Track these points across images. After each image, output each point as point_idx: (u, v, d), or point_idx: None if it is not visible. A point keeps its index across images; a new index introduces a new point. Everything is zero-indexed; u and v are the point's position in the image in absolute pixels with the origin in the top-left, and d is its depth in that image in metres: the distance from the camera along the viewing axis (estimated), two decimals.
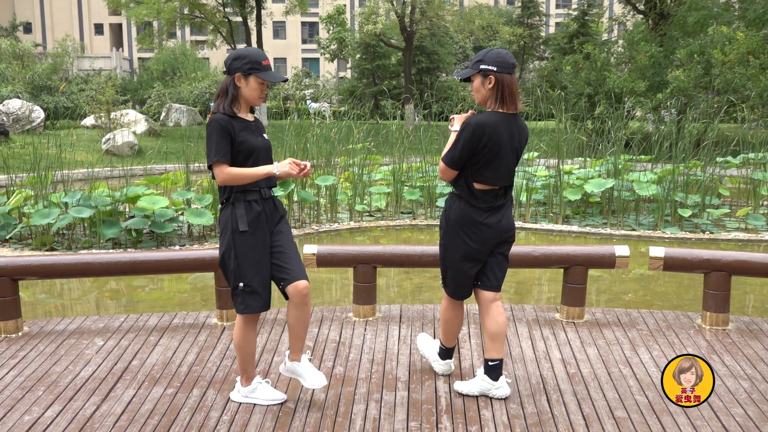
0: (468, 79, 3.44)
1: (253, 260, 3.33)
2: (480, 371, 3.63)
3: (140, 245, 8.68)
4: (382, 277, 7.27)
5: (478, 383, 3.60)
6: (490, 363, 3.57)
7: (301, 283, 3.34)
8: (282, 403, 3.54)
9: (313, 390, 3.70)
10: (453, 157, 3.40)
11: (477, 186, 3.42)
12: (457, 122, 3.46)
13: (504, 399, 3.59)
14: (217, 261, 4.75)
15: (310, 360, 3.78)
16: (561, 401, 3.58)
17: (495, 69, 3.32)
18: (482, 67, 3.34)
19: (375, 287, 4.95)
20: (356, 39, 36.91)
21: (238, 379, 3.62)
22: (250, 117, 3.42)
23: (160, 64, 42.75)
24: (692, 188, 10.77)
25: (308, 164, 3.31)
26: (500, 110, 3.36)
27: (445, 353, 3.87)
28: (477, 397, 3.60)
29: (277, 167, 3.27)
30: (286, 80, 3.42)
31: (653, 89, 20.39)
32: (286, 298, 3.40)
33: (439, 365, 3.89)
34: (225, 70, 3.35)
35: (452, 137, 3.43)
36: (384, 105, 34.20)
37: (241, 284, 3.33)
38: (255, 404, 3.53)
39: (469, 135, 3.32)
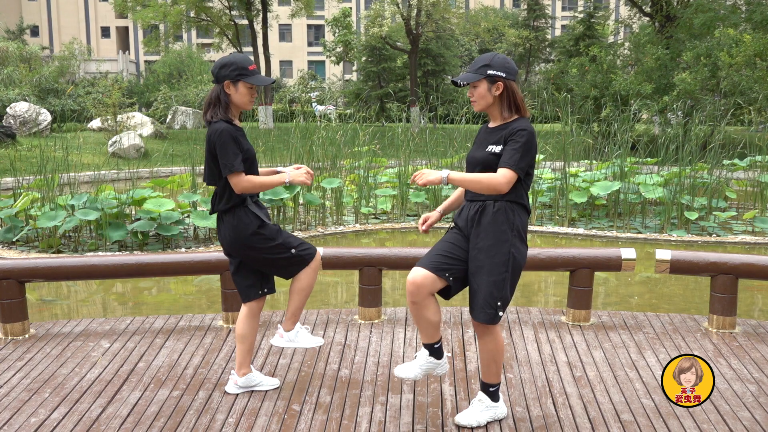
0: (466, 84, 3.17)
1: (283, 231, 3.58)
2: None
3: (146, 248, 8.71)
4: (387, 279, 7.27)
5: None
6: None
7: (319, 252, 3.71)
8: (288, 406, 3.55)
9: (319, 392, 3.71)
10: (524, 166, 3.06)
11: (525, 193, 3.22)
12: (430, 175, 3.14)
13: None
14: (222, 263, 4.77)
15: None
16: (567, 404, 3.57)
17: (504, 75, 3.11)
18: (490, 72, 3.10)
19: (380, 290, 4.95)
20: (362, 42, 36.95)
21: (234, 371, 3.75)
22: (239, 123, 3.52)
23: (167, 67, 42.91)
24: (699, 191, 10.74)
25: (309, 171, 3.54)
26: (523, 115, 3.18)
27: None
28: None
29: (289, 175, 3.45)
30: (273, 82, 3.51)
31: (659, 92, 20.34)
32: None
33: (442, 366, 3.49)
34: (213, 78, 3.41)
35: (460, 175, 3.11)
36: (389, 107, 34.22)
37: (293, 250, 3.54)
38: (261, 407, 3.53)
39: (532, 140, 3.09)
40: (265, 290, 3.65)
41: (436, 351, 3.32)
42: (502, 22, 36.80)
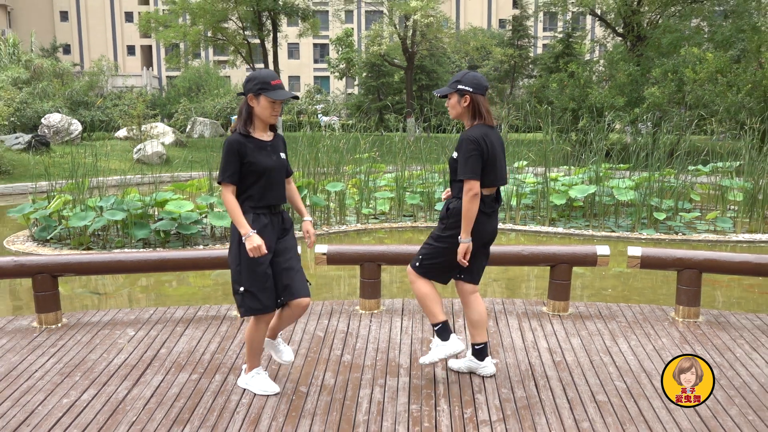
0: (445, 96, 3.49)
1: (255, 267, 3.23)
2: (468, 353, 3.70)
3: (168, 245, 8.69)
4: (386, 273, 7.26)
5: (467, 362, 3.70)
6: (476, 347, 3.64)
7: (304, 301, 3.30)
8: (296, 388, 3.54)
9: (324, 375, 3.70)
10: (474, 170, 3.31)
11: (484, 191, 3.44)
12: (465, 250, 3.42)
13: (490, 377, 3.63)
14: None
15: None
16: (548, 386, 3.57)
17: (471, 90, 3.40)
18: (459, 87, 3.40)
19: (380, 283, 4.95)
20: (363, 59, 36.93)
21: (244, 366, 3.60)
22: (267, 136, 3.33)
23: (186, 82, 42.84)
24: (666, 194, 10.74)
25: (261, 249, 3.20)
26: (482, 123, 3.44)
27: (446, 330, 3.55)
28: (470, 379, 3.59)
29: (248, 237, 3.15)
30: (296, 97, 3.26)
31: (631, 104, 20.35)
32: (281, 307, 3.39)
33: (486, 368, 3.70)
34: (242, 91, 3.31)
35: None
36: (388, 118, 34.18)
37: (242, 288, 3.24)
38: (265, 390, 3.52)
39: (473, 145, 3.33)
40: (280, 300, 3.36)
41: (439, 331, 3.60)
42: (489, 41, 36.79)
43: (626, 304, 5.17)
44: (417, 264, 3.60)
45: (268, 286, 3.26)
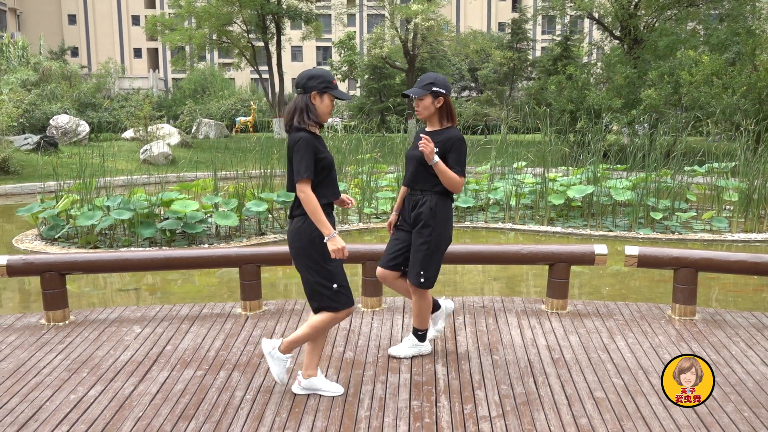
0: (407, 96, 3.61)
1: (339, 263, 3.30)
2: (410, 336, 3.92)
3: (174, 244, 8.69)
4: None
5: (410, 348, 3.91)
6: (419, 332, 3.89)
7: (352, 308, 3.39)
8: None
9: (327, 372, 3.70)
10: (464, 167, 3.57)
11: None
12: (431, 149, 3.44)
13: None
14: (240, 258, 4.76)
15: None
16: (546, 383, 3.56)
17: (444, 92, 3.53)
18: (434, 89, 3.51)
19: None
20: (365, 61, 36.91)
21: (300, 373, 3.44)
22: (318, 132, 3.29)
23: (192, 84, 42.88)
24: (663, 194, 10.72)
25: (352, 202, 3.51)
26: (453, 125, 3.62)
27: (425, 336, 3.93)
28: (470, 375, 3.59)
29: (331, 238, 3.14)
30: (351, 97, 3.37)
31: (628, 106, 20.31)
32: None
33: (426, 347, 3.96)
34: (299, 88, 3.21)
35: (439, 160, 3.50)
36: (389, 120, 34.17)
37: (336, 285, 3.25)
38: (275, 386, 3.52)
39: (464, 146, 3.58)
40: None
41: (418, 336, 3.92)
42: (488, 44, 36.77)
43: (624, 302, 5.16)
44: (423, 280, 3.66)
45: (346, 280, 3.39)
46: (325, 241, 3.16)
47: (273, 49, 31.57)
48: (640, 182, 10.60)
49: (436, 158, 3.47)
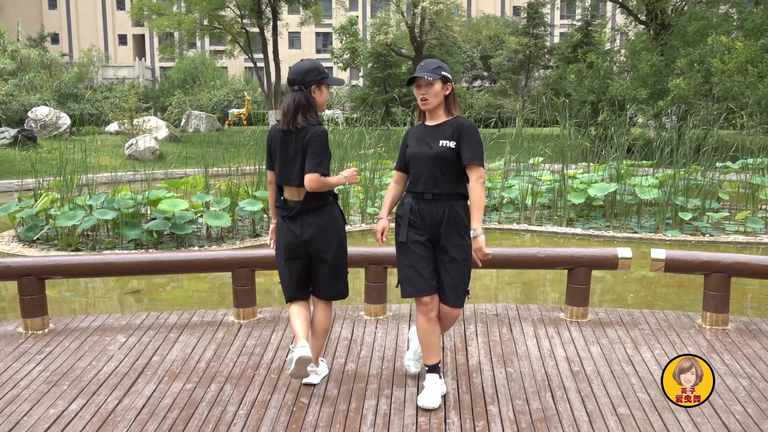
0: (412, 81, 3.42)
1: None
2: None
3: (161, 246, 8.72)
4: (392, 277, 7.25)
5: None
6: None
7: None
8: (296, 398, 3.54)
9: (326, 386, 3.70)
10: (482, 156, 3.40)
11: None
12: (485, 248, 3.35)
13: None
14: (233, 261, 4.78)
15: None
16: (565, 398, 3.55)
17: (451, 78, 3.45)
18: (444, 74, 3.39)
19: (386, 287, 4.95)
20: (368, 49, 36.95)
21: (322, 360, 3.85)
22: None
23: (181, 73, 43.01)
24: (692, 192, 10.69)
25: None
26: (459, 114, 3.48)
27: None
28: (482, 389, 3.58)
29: (345, 176, 3.53)
30: (344, 82, 3.66)
31: (654, 97, 20.26)
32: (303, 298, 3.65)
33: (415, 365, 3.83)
34: (296, 85, 3.39)
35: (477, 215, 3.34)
36: (394, 112, 34.19)
37: (347, 270, 3.65)
38: (270, 400, 3.53)
39: (478, 133, 3.40)
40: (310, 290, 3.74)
41: (439, 370, 3.56)
42: (502, 30, 36.77)
43: (649, 310, 5.15)
44: (460, 300, 3.44)
45: None
46: (347, 180, 3.55)
47: (269, 35, 31.64)
48: (668, 180, 10.57)
49: (475, 228, 3.31)
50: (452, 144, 3.35)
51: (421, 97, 3.41)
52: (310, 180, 3.33)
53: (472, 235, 3.33)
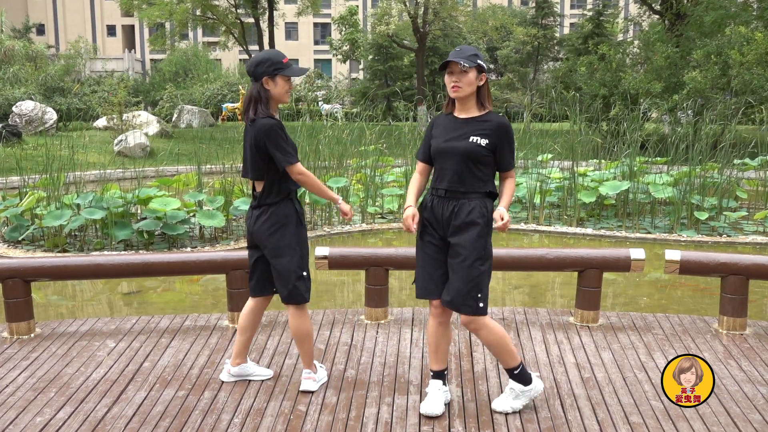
0: (444, 66, 3.28)
1: (306, 252, 3.66)
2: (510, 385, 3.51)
3: (152, 247, 8.73)
4: (394, 279, 7.27)
5: (517, 400, 3.51)
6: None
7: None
8: (294, 406, 3.55)
9: (325, 393, 3.71)
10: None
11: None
12: (508, 218, 3.24)
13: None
14: (227, 263, 4.78)
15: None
16: (575, 406, 3.56)
17: (486, 69, 3.36)
18: (480, 62, 3.27)
19: (387, 290, 4.95)
20: (368, 40, 36.95)
21: (236, 369, 3.86)
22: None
23: (172, 66, 43.01)
24: (709, 191, 10.69)
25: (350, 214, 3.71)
26: (491, 110, 3.40)
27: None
28: (488, 397, 3.59)
29: (342, 202, 3.69)
30: (308, 71, 3.61)
31: (669, 90, 20.24)
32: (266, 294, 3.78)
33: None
34: (251, 78, 3.51)
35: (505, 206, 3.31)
36: (396, 106, 34.20)
37: (305, 273, 3.61)
38: (266, 408, 3.54)
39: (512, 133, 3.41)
40: (275, 290, 3.74)
41: (445, 377, 3.57)
42: (510, 20, 36.73)
43: (663, 314, 5.16)
44: (482, 305, 3.29)
45: None
46: (339, 203, 3.66)
47: (264, 26, 31.66)
48: (683, 177, 10.57)
49: (506, 214, 3.23)
50: (484, 142, 3.26)
51: (453, 85, 3.28)
52: (293, 173, 3.49)
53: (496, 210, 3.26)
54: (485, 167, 3.31)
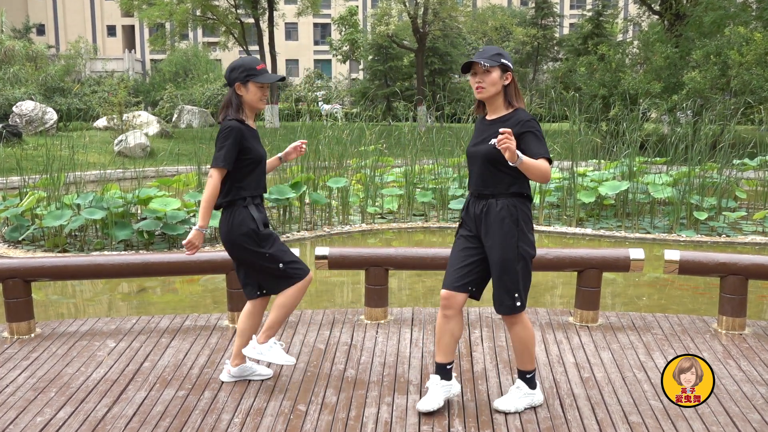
0: (468, 68, 3.27)
1: (279, 244, 3.64)
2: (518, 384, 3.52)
3: (152, 247, 8.73)
4: (394, 279, 7.27)
5: (521, 399, 3.52)
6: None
7: (311, 273, 3.75)
8: (293, 406, 3.56)
9: (325, 392, 3.72)
10: (546, 149, 3.23)
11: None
12: (508, 140, 3.03)
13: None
14: (227, 263, 4.78)
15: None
16: (574, 405, 3.57)
17: (511, 67, 3.31)
18: (503, 61, 3.24)
19: (387, 290, 4.96)
20: (368, 40, 36.96)
21: (236, 370, 3.87)
22: (253, 125, 3.67)
23: (173, 66, 42.99)
24: (708, 191, 10.69)
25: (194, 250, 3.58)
26: (521, 107, 3.31)
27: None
28: (487, 397, 3.60)
29: (196, 230, 3.54)
30: (283, 79, 3.61)
31: (669, 91, 20.26)
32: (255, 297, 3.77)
33: (454, 386, 3.59)
34: (225, 83, 3.60)
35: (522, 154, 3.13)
36: (396, 107, 34.22)
37: (282, 265, 3.59)
38: (266, 408, 3.54)
39: (540, 127, 3.28)
40: (264, 291, 3.75)
41: (447, 373, 3.50)
42: (509, 21, 36.77)
43: (663, 314, 5.16)
44: (519, 303, 3.32)
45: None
46: (193, 232, 3.53)
47: (264, 26, 31.63)
48: (682, 177, 10.58)
49: (522, 156, 3.07)
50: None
51: (476, 86, 3.27)
52: (209, 173, 3.52)
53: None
54: (509, 167, 3.22)
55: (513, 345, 3.46)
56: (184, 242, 3.55)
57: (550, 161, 3.20)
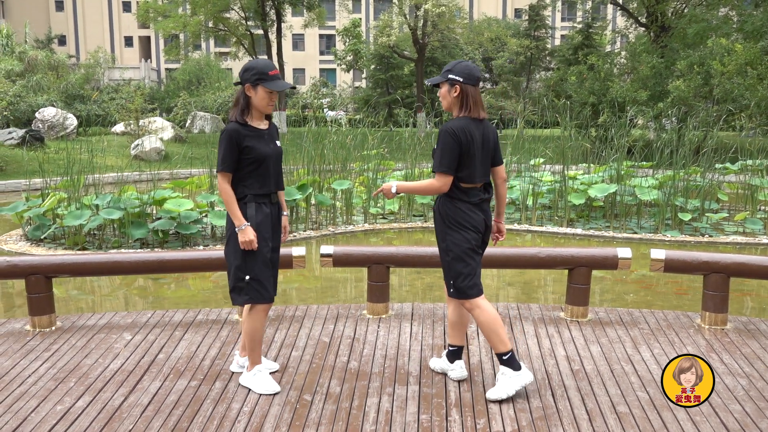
0: (437, 85, 3.50)
1: (261, 257, 3.46)
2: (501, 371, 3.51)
3: (166, 245, 8.73)
4: (394, 276, 7.26)
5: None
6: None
7: (267, 306, 3.57)
8: (299, 396, 3.55)
9: (329, 383, 3.71)
10: (449, 164, 3.34)
11: (464, 185, 3.44)
12: (382, 186, 3.57)
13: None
14: None
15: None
16: (565, 396, 3.56)
17: (461, 80, 3.40)
18: (450, 76, 3.42)
19: (388, 286, 4.95)
20: (371, 51, 36.95)
21: (244, 360, 3.82)
22: (263, 125, 3.52)
23: (186, 75, 42.97)
24: (692, 193, 10.68)
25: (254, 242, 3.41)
26: (467, 115, 3.42)
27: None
28: (483, 387, 3.59)
29: (241, 229, 3.38)
30: (293, 87, 3.55)
31: (654, 98, 20.23)
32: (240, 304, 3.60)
33: (454, 371, 3.74)
34: (237, 81, 3.46)
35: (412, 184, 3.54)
36: (397, 113, 34.17)
37: (248, 277, 3.44)
38: (274, 398, 3.54)
39: (450, 138, 3.35)
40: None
41: (453, 353, 3.76)
42: (504, 32, 36.72)
43: (649, 310, 5.15)
44: (453, 290, 3.51)
45: (271, 275, 3.55)
46: (239, 230, 3.40)
47: (273, 37, 31.63)
48: (668, 181, 10.56)
49: (395, 187, 3.50)
50: (436, 146, 3.46)
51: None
52: (219, 181, 3.44)
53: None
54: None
55: (480, 329, 3.56)
56: (241, 247, 3.39)
57: (441, 172, 3.35)
